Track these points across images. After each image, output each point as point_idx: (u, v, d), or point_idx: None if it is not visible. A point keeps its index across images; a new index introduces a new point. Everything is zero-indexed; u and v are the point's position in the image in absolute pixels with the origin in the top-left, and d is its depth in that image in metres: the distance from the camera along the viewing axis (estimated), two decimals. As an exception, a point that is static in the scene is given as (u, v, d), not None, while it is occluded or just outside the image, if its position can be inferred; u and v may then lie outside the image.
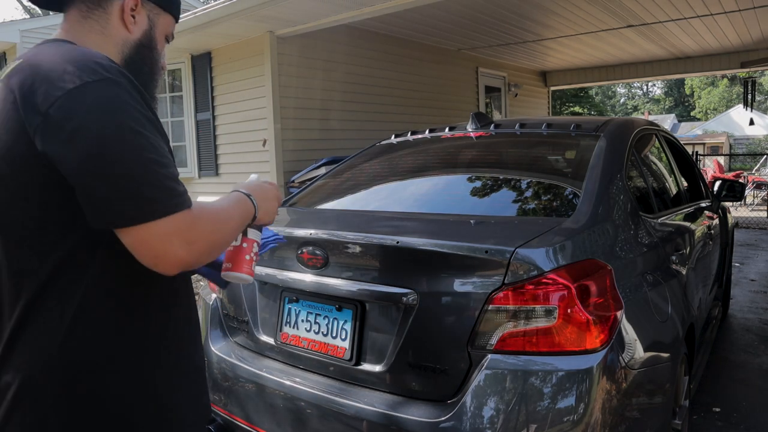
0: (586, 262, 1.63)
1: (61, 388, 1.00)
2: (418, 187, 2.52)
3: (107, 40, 1.13)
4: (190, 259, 0.97)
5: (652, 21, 6.99)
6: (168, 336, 1.11)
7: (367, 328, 1.77)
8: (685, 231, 2.65)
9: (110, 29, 1.13)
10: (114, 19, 1.13)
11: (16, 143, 0.95)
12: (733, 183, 3.69)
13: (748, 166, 22.64)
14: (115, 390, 1.03)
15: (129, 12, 1.14)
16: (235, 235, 1.14)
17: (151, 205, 0.92)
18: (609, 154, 2.17)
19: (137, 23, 1.16)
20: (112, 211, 0.92)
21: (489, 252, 1.58)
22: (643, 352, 1.74)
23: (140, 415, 1.06)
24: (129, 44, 1.16)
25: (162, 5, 1.20)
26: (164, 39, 1.24)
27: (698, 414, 3.01)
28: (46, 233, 0.98)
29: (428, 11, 5.93)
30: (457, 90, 8.35)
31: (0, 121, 0.97)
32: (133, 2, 1.14)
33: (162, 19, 1.21)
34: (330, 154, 6.04)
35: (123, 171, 0.91)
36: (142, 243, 0.94)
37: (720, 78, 39.37)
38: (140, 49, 1.17)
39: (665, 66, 10.04)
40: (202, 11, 5.35)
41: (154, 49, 1.20)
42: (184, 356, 1.15)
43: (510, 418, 1.49)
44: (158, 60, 1.22)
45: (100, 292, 1.02)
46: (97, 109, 0.92)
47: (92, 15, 1.12)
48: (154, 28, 1.19)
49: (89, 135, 0.91)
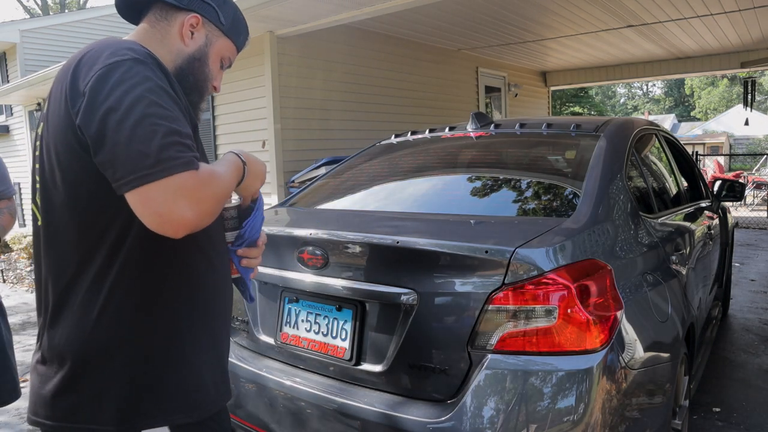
0: (586, 262, 1.63)
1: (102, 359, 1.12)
2: (418, 187, 2.52)
3: (164, 49, 1.24)
4: (196, 220, 1.02)
5: (652, 21, 6.99)
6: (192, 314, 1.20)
7: (367, 328, 1.77)
8: (685, 231, 2.65)
9: (168, 39, 1.25)
10: (174, 31, 1.26)
11: (67, 130, 1.06)
12: (733, 183, 3.69)
13: (748, 166, 22.63)
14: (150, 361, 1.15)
15: (188, 27, 1.26)
16: (229, 193, 1.20)
17: (157, 165, 0.97)
18: (609, 154, 2.17)
19: (194, 38, 1.27)
20: (121, 172, 0.98)
21: (489, 252, 1.58)
22: (643, 352, 1.74)
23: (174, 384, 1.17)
24: (182, 55, 1.26)
25: (223, 30, 1.31)
26: (219, 60, 1.33)
27: (698, 414, 3.01)
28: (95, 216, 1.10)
29: (428, 11, 5.93)
30: (457, 90, 8.34)
31: (55, 110, 1.10)
32: (195, 20, 1.26)
33: (221, 41, 1.32)
34: (330, 154, 6.04)
35: (132, 133, 0.98)
36: (147, 201, 0.98)
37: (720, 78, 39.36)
38: (192, 61, 1.27)
39: (665, 66, 10.04)
40: (202, 11, 5.35)
41: (205, 64, 1.29)
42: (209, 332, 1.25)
43: (510, 418, 1.49)
44: (207, 76, 1.30)
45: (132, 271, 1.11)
46: (119, 82, 1.02)
47: (157, 26, 1.26)
48: (209, 47, 1.30)
49: (108, 104, 1.00)
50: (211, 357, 1.26)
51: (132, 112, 0.99)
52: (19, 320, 5.58)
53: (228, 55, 1.35)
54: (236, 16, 1.35)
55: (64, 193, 1.11)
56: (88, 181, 1.08)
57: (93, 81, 1.03)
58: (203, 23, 1.28)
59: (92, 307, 1.12)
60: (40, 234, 1.20)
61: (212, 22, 1.29)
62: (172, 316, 1.17)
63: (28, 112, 10.94)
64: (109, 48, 1.08)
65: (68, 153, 1.08)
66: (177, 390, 1.18)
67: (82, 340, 1.12)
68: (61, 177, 1.11)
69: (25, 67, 11.26)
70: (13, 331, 5.16)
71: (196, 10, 1.27)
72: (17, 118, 11.54)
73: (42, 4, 30.66)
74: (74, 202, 1.10)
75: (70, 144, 1.07)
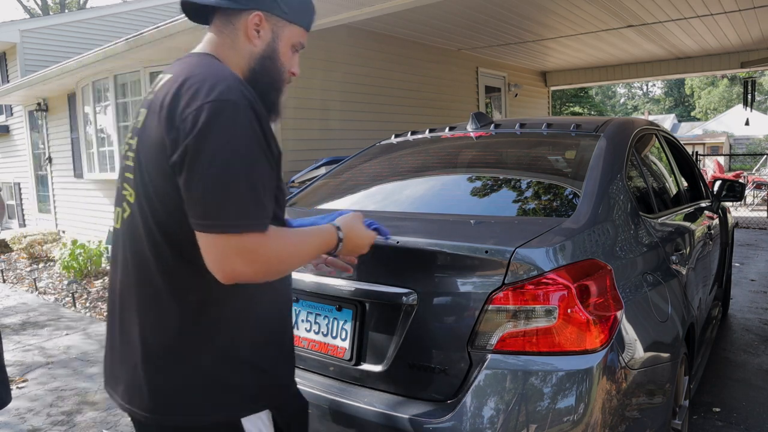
0: (586, 262, 1.63)
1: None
2: (418, 187, 2.52)
3: (236, 54, 1.26)
4: (252, 277, 1.09)
5: (652, 21, 6.99)
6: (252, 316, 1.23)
7: (367, 328, 1.77)
8: (685, 231, 2.65)
9: (238, 44, 1.26)
10: (241, 34, 1.25)
11: (159, 154, 1.10)
12: (733, 183, 3.69)
13: (748, 166, 22.63)
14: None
15: (253, 28, 1.25)
16: (306, 261, 1.26)
17: (223, 220, 1.04)
18: (609, 154, 2.17)
19: (261, 37, 1.26)
20: (193, 213, 1.06)
21: (489, 252, 1.58)
22: (643, 352, 1.74)
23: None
24: (254, 57, 1.27)
25: (286, 18, 1.28)
26: (290, 49, 1.32)
27: (698, 414, 3.01)
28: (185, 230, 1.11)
29: (428, 11, 5.92)
30: (457, 90, 8.34)
31: (150, 132, 1.13)
32: (257, 19, 1.25)
33: (287, 30, 1.29)
34: (330, 154, 6.03)
35: (212, 184, 1.04)
36: (206, 249, 1.07)
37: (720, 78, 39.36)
38: (263, 61, 1.27)
39: (665, 66, 10.04)
40: (202, 11, 5.35)
41: (277, 60, 1.29)
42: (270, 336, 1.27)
43: (510, 418, 1.49)
44: (281, 70, 1.30)
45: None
46: (216, 129, 1.05)
47: (225, 31, 1.26)
48: (277, 40, 1.28)
49: (198, 149, 1.04)
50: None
51: (221, 163, 1.04)
52: (18, 320, 5.58)
53: (299, 40, 1.32)
54: (300, 1, 1.31)
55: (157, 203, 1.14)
56: (176, 197, 1.11)
57: (191, 119, 1.06)
58: (266, 18, 1.26)
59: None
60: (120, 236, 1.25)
61: (275, 14, 1.27)
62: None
63: (28, 112, 10.93)
64: (210, 78, 1.10)
65: (159, 172, 1.12)
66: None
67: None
68: (153, 191, 1.14)
69: (25, 67, 11.26)
70: (13, 331, 5.16)
71: (256, 7, 1.25)
72: (17, 118, 11.54)
73: (42, 4, 30.66)
74: (165, 216, 1.14)
75: (161, 165, 1.11)
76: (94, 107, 8.02)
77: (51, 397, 3.63)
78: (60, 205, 10.18)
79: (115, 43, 6.54)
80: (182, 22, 5.51)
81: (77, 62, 7.32)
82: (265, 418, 1.23)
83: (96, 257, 7.27)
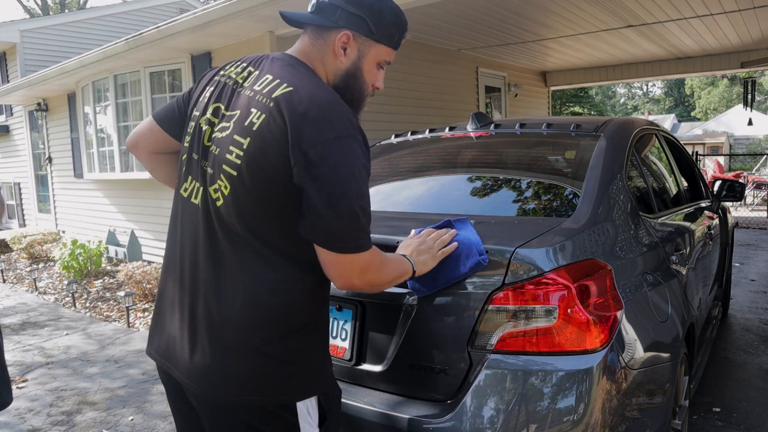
0: (586, 262, 1.63)
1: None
2: (418, 187, 2.52)
3: (324, 67, 1.35)
4: (361, 286, 1.30)
5: (652, 21, 6.99)
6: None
7: (367, 328, 1.77)
8: (685, 231, 2.65)
9: (327, 59, 1.35)
10: (329, 50, 1.34)
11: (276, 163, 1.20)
12: (733, 183, 3.69)
13: (748, 166, 22.63)
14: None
15: (340, 45, 1.33)
16: (394, 280, 1.42)
17: (347, 243, 1.21)
18: (609, 154, 2.17)
19: (347, 55, 1.35)
20: (320, 235, 1.20)
21: (489, 252, 1.58)
22: (643, 352, 1.74)
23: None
24: (339, 73, 1.36)
25: (374, 38, 1.35)
26: (375, 66, 1.40)
27: (698, 414, 3.01)
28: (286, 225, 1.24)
29: (428, 11, 5.93)
30: (457, 90, 8.34)
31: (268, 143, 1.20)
32: (345, 38, 1.33)
33: (374, 49, 1.37)
34: (330, 154, 6.02)
35: (339, 211, 1.18)
36: (331, 264, 1.24)
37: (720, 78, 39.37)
38: (346, 78, 1.36)
39: (665, 66, 10.03)
40: (202, 11, 5.34)
41: (360, 77, 1.37)
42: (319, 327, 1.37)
43: (510, 418, 1.49)
44: (363, 86, 1.39)
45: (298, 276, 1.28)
46: (340, 162, 1.18)
47: (316, 44, 1.35)
48: (362, 59, 1.36)
49: (329, 181, 1.17)
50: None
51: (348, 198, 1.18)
52: (18, 320, 5.58)
53: (384, 58, 1.40)
54: (388, 19, 1.36)
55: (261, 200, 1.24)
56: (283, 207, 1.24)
57: (320, 149, 1.16)
58: (354, 38, 1.33)
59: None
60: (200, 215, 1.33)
61: (363, 35, 1.34)
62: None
63: (28, 112, 10.93)
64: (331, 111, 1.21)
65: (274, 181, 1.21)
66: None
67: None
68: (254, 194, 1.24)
69: (25, 67, 11.26)
70: (13, 331, 5.16)
71: (345, 26, 1.32)
72: (17, 118, 11.54)
73: (42, 4, 30.66)
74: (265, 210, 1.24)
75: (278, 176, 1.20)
76: (94, 107, 8.02)
77: (51, 397, 3.63)
78: (60, 205, 10.18)
79: (115, 43, 6.54)
80: (182, 22, 5.50)
81: (77, 62, 7.31)
82: (314, 402, 1.34)
83: (96, 257, 7.27)
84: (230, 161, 1.25)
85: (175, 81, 6.95)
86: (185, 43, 6.08)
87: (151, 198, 7.40)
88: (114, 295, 6.29)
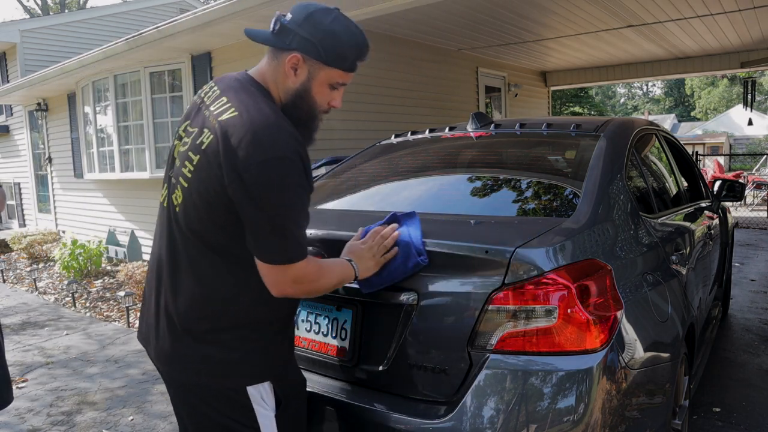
0: (586, 262, 1.63)
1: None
2: (418, 187, 2.52)
3: (277, 86, 1.45)
4: (295, 294, 1.42)
5: (652, 21, 6.99)
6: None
7: (367, 328, 1.77)
8: (685, 231, 2.65)
9: (279, 78, 1.45)
10: (282, 70, 1.44)
11: (216, 182, 1.33)
12: (733, 183, 3.69)
13: (748, 166, 22.63)
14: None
15: (290, 67, 1.43)
16: (334, 285, 1.52)
17: (278, 255, 1.34)
18: (609, 154, 2.17)
19: (298, 76, 1.44)
20: (255, 248, 1.36)
21: (489, 252, 1.58)
22: (643, 352, 1.74)
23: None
24: (289, 92, 1.45)
25: (323, 61, 1.43)
26: (327, 87, 1.47)
27: (698, 414, 3.01)
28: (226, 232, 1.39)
29: (428, 11, 5.92)
30: (457, 90, 8.34)
31: (211, 162, 1.34)
32: (295, 59, 1.42)
33: (323, 73, 1.44)
34: (330, 154, 6.03)
35: (271, 228, 1.31)
36: (265, 274, 1.38)
37: (720, 78, 39.37)
38: (295, 98, 1.45)
39: (665, 66, 10.03)
40: (202, 11, 5.34)
41: (309, 98, 1.46)
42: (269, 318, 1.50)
43: (510, 418, 1.49)
44: (312, 106, 1.47)
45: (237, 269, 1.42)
46: (272, 183, 1.29)
47: (273, 63, 1.45)
48: (312, 80, 1.44)
49: (262, 201, 1.29)
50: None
51: (280, 214, 1.32)
52: (18, 320, 5.58)
53: (337, 80, 1.47)
54: (342, 44, 1.42)
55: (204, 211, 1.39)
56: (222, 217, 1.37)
57: (252, 171, 1.28)
58: (304, 60, 1.42)
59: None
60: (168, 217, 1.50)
61: (313, 58, 1.41)
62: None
63: (28, 112, 10.94)
64: (266, 135, 1.30)
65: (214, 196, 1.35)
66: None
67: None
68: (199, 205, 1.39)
69: (25, 67, 11.26)
70: (13, 331, 5.16)
71: (297, 48, 1.41)
72: (17, 118, 11.54)
73: (42, 4, 30.66)
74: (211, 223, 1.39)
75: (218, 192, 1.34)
76: (94, 107, 8.02)
77: (51, 397, 3.63)
78: (60, 205, 10.18)
79: (115, 43, 6.54)
80: (182, 22, 5.51)
81: (77, 62, 7.32)
82: (268, 387, 1.47)
83: (96, 257, 7.27)
84: (184, 174, 1.42)
85: (175, 81, 6.95)
86: (185, 43, 6.08)
87: (151, 198, 7.40)
88: (114, 295, 6.29)
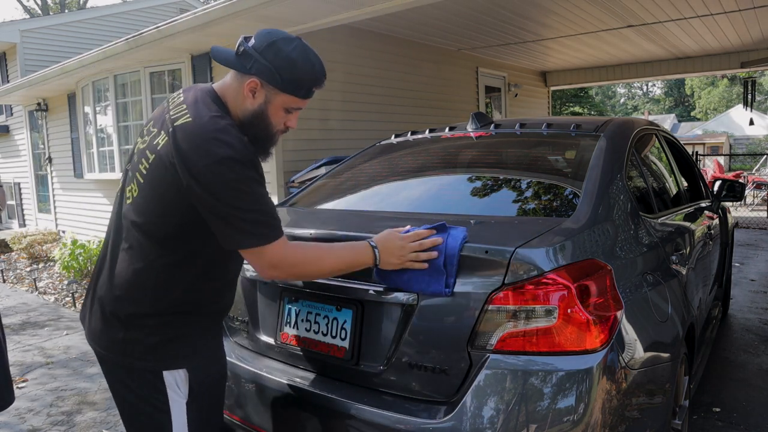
0: (586, 262, 1.63)
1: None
2: (418, 187, 2.52)
3: (236, 105, 1.54)
4: (282, 277, 1.55)
5: (652, 21, 6.99)
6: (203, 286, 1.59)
7: (367, 328, 1.77)
8: (685, 231, 2.65)
9: (239, 98, 1.54)
10: (241, 91, 1.53)
11: (169, 177, 1.44)
12: (733, 183, 3.69)
13: (748, 166, 22.63)
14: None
15: (249, 89, 1.52)
16: (340, 269, 1.61)
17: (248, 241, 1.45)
18: (609, 154, 2.17)
19: (256, 98, 1.53)
20: (224, 239, 1.47)
21: (489, 252, 1.58)
22: (643, 352, 1.74)
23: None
24: (246, 113, 1.54)
25: (280, 88, 1.52)
26: (283, 110, 1.57)
27: (698, 414, 3.01)
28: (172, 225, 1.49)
29: (428, 11, 5.92)
30: (457, 90, 8.34)
31: (164, 163, 1.45)
32: (254, 84, 1.51)
33: (280, 98, 1.54)
34: (330, 154, 6.03)
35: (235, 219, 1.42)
36: (247, 259, 1.51)
37: (720, 78, 39.37)
38: (252, 118, 1.54)
39: (665, 66, 10.03)
40: (202, 11, 5.34)
41: (265, 119, 1.55)
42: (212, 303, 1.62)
43: (510, 418, 1.49)
44: (268, 127, 1.57)
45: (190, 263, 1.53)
46: (224, 180, 1.39)
47: (234, 83, 1.55)
48: (269, 104, 1.54)
49: (218, 198, 1.40)
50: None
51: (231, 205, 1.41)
52: (18, 320, 5.58)
53: (292, 105, 1.56)
54: (299, 73, 1.51)
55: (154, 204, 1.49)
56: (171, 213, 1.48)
57: (204, 172, 1.39)
58: (262, 85, 1.51)
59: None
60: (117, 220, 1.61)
61: (270, 84, 1.50)
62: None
63: (28, 112, 10.93)
64: (216, 138, 1.41)
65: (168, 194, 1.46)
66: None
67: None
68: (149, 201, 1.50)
69: (25, 67, 11.26)
70: (13, 331, 5.16)
71: (256, 74, 1.50)
72: (17, 118, 11.53)
73: (42, 4, 30.67)
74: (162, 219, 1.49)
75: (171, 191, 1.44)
76: (94, 107, 8.02)
77: (51, 397, 3.63)
78: (60, 205, 10.18)
79: (115, 43, 6.54)
80: (182, 22, 5.51)
81: (77, 62, 7.31)
82: (183, 375, 1.54)
83: (96, 257, 7.27)
84: (140, 170, 1.53)
85: (175, 81, 6.95)
86: (185, 43, 6.08)
87: (151, 198, 7.38)
88: (114, 295, 6.28)
